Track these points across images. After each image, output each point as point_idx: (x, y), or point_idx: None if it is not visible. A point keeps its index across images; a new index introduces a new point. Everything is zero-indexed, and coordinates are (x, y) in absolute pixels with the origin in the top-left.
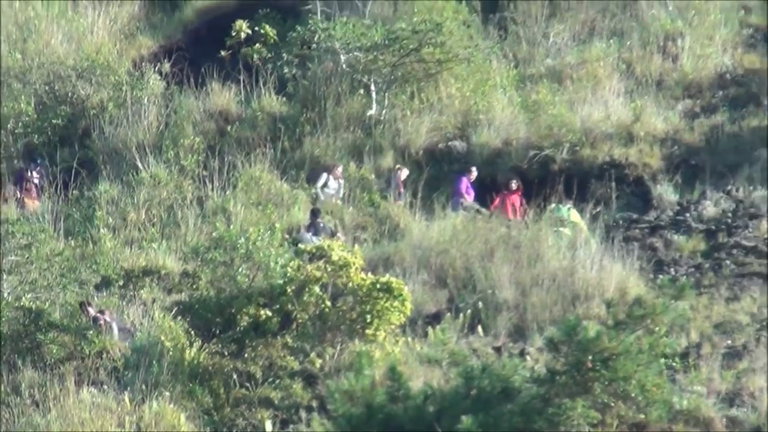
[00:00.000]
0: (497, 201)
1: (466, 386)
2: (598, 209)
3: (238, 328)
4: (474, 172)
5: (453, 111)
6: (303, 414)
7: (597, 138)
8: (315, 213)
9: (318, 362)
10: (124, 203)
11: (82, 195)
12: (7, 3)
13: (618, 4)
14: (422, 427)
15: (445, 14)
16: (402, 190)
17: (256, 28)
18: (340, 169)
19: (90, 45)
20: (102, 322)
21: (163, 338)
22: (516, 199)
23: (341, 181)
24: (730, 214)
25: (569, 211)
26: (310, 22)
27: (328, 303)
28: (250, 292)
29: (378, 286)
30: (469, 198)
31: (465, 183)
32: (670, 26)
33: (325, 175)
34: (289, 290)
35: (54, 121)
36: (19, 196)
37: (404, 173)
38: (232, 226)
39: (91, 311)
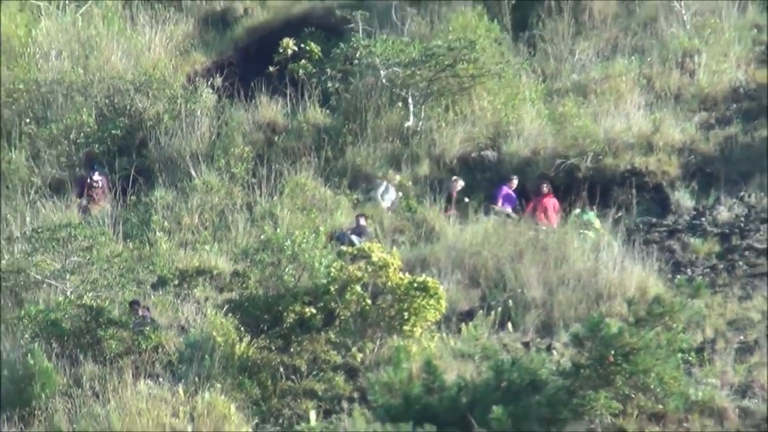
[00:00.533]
0: (531, 206)
1: (496, 379)
2: (619, 214)
3: (284, 325)
4: (515, 181)
5: (485, 122)
6: (345, 405)
7: (619, 148)
8: (361, 217)
9: (359, 356)
10: (178, 208)
11: (140, 201)
12: (71, 21)
13: (639, 23)
14: (456, 416)
15: (478, 32)
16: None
17: (302, 45)
18: (398, 178)
19: (147, 61)
20: (144, 316)
21: (214, 334)
22: (548, 202)
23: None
24: (742, 219)
25: (589, 215)
26: (352, 39)
27: (369, 301)
28: (296, 291)
29: (415, 285)
30: (510, 205)
31: (504, 190)
32: (687, 44)
33: (385, 183)
34: (332, 289)
35: (113, 132)
36: (83, 202)
37: (460, 184)
38: (279, 230)
39: (140, 310)
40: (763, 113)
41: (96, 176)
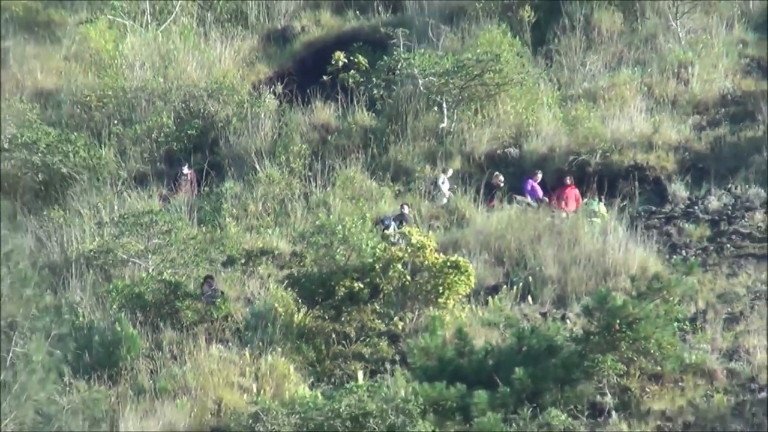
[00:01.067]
0: (555, 195)
1: (518, 344)
2: (624, 203)
3: (336, 297)
4: (539, 175)
5: (508, 124)
6: (388, 366)
7: (624, 146)
8: (404, 206)
9: (400, 325)
10: (245, 197)
11: (212, 191)
12: (152, 37)
13: (641, 39)
14: (483, 377)
15: (502, 47)
16: (498, 190)
17: (351, 58)
18: (450, 171)
19: (218, 71)
20: (215, 290)
21: (276, 305)
22: (571, 192)
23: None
24: (730, 207)
25: (599, 205)
26: (394, 53)
27: (408, 277)
28: (345, 269)
29: (448, 264)
30: (536, 196)
31: (530, 183)
32: (682, 57)
33: (442, 175)
34: (377, 267)
35: (189, 132)
36: (165, 191)
37: (501, 179)
38: (331, 216)
39: (212, 285)
40: (748, 117)
41: (185, 170)
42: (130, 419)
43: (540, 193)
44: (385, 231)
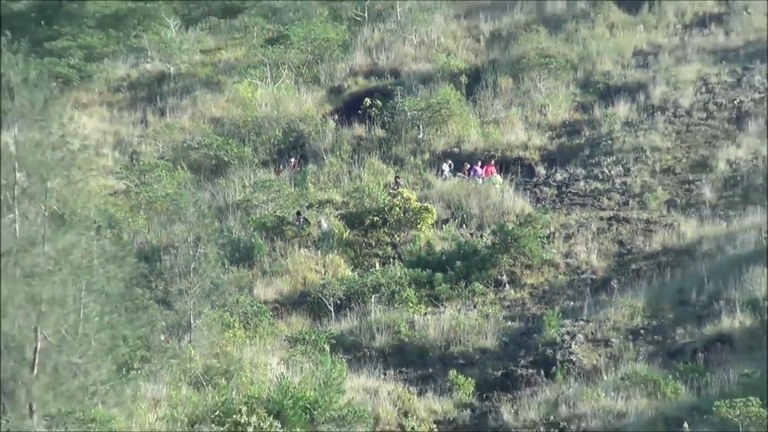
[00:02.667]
0: (485, 168)
1: (458, 249)
2: (512, 176)
3: (364, 224)
4: (479, 163)
5: (454, 136)
6: (391, 260)
7: (512, 147)
8: (399, 177)
9: (398, 238)
10: (318, 173)
11: (301, 169)
12: (271, 90)
13: (522, 92)
14: (440, 266)
15: (450, 96)
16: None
17: (374, 101)
18: (450, 161)
19: (304, 108)
20: (302, 219)
21: (334, 228)
22: (492, 168)
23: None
24: (567, 179)
25: (497, 177)
26: (395, 98)
27: (402, 214)
28: (369, 209)
29: (422, 208)
30: (477, 173)
31: (474, 166)
32: (543, 101)
33: (446, 165)
34: (385, 209)
35: (289, 139)
36: (281, 169)
37: (450, 164)
38: (362, 182)
39: (300, 216)
40: (576, 133)
41: (292, 160)
42: (259, 287)
43: (478, 172)
44: (390, 191)
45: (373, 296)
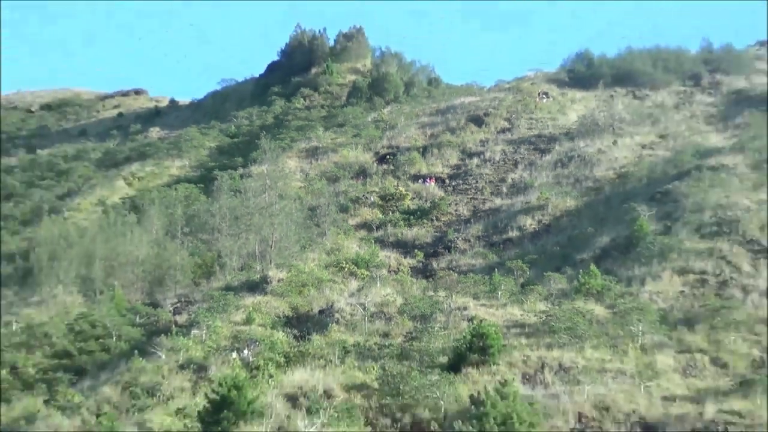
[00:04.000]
0: (431, 180)
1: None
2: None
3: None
4: (429, 178)
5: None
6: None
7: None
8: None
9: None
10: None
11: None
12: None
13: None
14: None
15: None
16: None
17: (391, 156)
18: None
19: (358, 157)
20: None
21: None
22: (433, 180)
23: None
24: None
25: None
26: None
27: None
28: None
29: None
30: (429, 182)
31: (427, 179)
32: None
33: (427, 179)
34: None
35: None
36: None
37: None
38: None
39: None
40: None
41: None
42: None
43: (428, 181)
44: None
45: None
